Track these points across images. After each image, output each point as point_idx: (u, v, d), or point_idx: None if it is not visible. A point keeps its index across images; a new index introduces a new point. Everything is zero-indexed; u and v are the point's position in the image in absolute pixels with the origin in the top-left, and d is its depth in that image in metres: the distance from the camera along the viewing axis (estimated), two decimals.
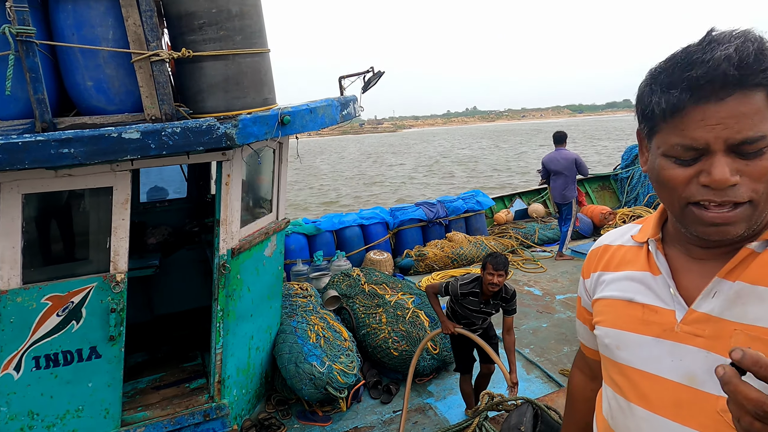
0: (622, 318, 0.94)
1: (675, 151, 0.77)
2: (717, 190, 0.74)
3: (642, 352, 0.90)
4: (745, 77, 0.70)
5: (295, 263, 6.25)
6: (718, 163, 0.73)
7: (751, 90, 0.71)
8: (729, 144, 0.72)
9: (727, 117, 0.72)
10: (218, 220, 2.99)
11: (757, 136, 0.71)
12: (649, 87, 0.80)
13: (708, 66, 0.71)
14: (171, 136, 2.42)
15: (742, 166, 0.73)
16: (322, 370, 3.45)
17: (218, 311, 3.09)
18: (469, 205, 7.75)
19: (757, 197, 0.74)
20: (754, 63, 0.70)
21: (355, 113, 3.56)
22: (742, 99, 0.71)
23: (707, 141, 0.73)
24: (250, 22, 2.75)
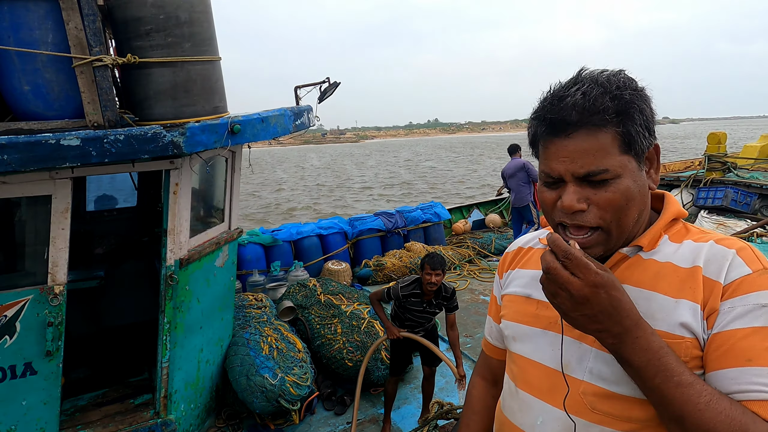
0: (519, 312, 1.05)
1: (543, 176, 0.90)
2: (568, 214, 0.86)
3: (531, 342, 1.01)
4: (584, 118, 0.82)
5: (252, 274, 6.15)
6: (567, 191, 0.85)
7: (594, 129, 0.82)
8: (575, 175, 0.84)
9: (573, 152, 0.83)
10: (166, 230, 2.91)
11: (599, 170, 0.82)
12: (530, 119, 0.93)
13: (560, 106, 0.83)
14: (114, 143, 2.36)
15: (591, 194, 0.84)
16: (274, 383, 3.39)
17: (165, 324, 3.00)
18: (428, 215, 7.84)
19: (605, 224, 0.85)
20: (592, 106, 0.81)
21: (310, 123, 3.55)
22: (586, 137, 0.82)
23: (559, 172, 0.85)
24: (200, 30, 2.72)
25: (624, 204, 0.84)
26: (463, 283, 6.55)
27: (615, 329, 0.76)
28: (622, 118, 0.82)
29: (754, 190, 7.77)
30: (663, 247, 0.90)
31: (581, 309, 0.76)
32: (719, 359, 0.78)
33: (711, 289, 0.82)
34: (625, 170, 0.83)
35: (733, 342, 0.77)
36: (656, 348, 0.76)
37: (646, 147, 0.86)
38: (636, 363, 0.76)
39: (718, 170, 8.57)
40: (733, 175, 8.35)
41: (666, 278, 0.86)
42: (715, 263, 0.83)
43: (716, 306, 0.80)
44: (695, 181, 8.53)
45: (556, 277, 0.76)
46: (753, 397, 0.74)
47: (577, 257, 0.75)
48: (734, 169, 8.58)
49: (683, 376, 0.74)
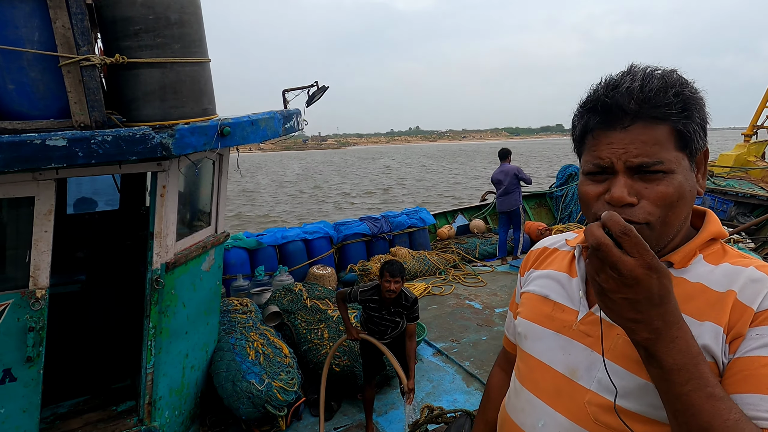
0: (535, 311, 1.04)
1: (589, 168, 0.86)
2: (616, 207, 0.81)
3: (542, 343, 1.00)
4: (643, 110, 0.80)
5: (236, 278, 6.08)
6: (617, 183, 0.82)
7: (651, 122, 0.80)
8: (628, 166, 0.81)
9: (628, 143, 0.81)
10: (152, 233, 2.87)
11: (652, 162, 0.80)
12: (576, 112, 0.90)
13: (616, 97, 0.81)
14: (101, 144, 2.31)
15: (642, 188, 0.81)
16: (260, 388, 3.35)
17: (150, 328, 2.94)
18: (413, 220, 7.86)
19: (653, 220, 0.81)
20: (654, 98, 0.80)
21: (299, 127, 3.54)
22: (643, 129, 0.80)
23: (611, 160, 0.82)
24: (190, 31, 2.69)
25: (676, 200, 0.81)
26: (448, 288, 6.58)
27: (655, 322, 0.70)
28: (682, 114, 0.80)
29: (730, 198, 7.97)
30: (696, 266, 0.87)
31: (626, 291, 0.69)
32: (739, 383, 0.75)
33: (741, 314, 0.78)
34: (680, 167, 0.81)
35: (755, 368, 0.74)
36: (695, 353, 0.71)
37: (700, 147, 0.84)
38: (669, 364, 0.70)
39: None
40: (710, 183, 8.56)
41: (694, 300, 0.83)
42: (752, 289, 0.80)
43: (743, 332, 0.77)
44: None
45: (608, 253, 0.69)
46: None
47: (636, 235, 0.68)
48: (711, 177, 8.80)
49: (716, 389, 0.70)
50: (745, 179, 8.68)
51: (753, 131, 11.48)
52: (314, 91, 3.95)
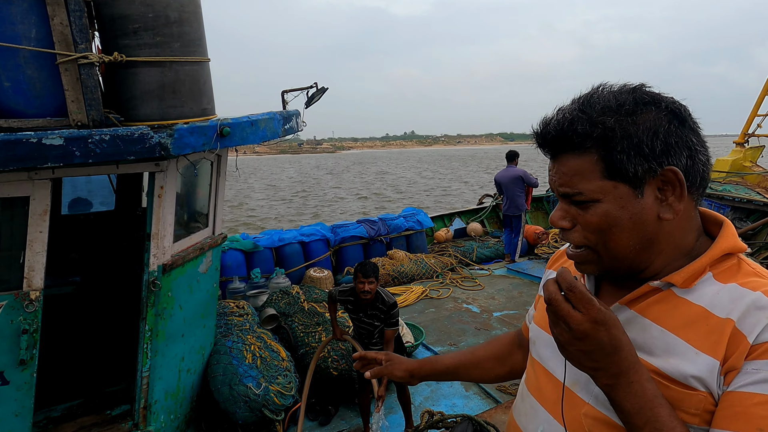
0: (544, 317, 1.01)
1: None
2: (558, 230, 0.88)
3: (548, 350, 1.01)
4: (562, 143, 0.85)
5: (232, 280, 6.03)
6: (557, 208, 0.89)
7: (574, 153, 0.83)
8: (558, 193, 0.88)
9: (555, 172, 0.87)
10: (149, 234, 2.82)
11: (573, 192, 0.84)
12: None
13: (543, 131, 0.87)
14: (99, 143, 2.27)
15: (577, 214, 0.86)
16: (257, 392, 3.31)
17: (146, 331, 2.90)
18: (410, 223, 7.84)
19: (591, 244, 0.85)
20: (567, 130, 0.83)
21: (298, 128, 3.51)
22: (566, 160, 0.85)
23: (552, 188, 0.89)
24: (189, 30, 2.66)
25: (606, 228, 0.82)
26: (445, 291, 6.55)
27: (612, 369, 0.75)
28: (601, 143, 0.81)
29: (727, 203, 7.99)
30: (703, 286, 0.82)
31: (578, 344, 0.75)
32: (728, 419, 0.73)
33: (737, 345, 0.75)
34: (607, 195, 0.82)
35: (747, 406, 0.72)
36: (650, 396, 0.74)
37: (642, 172, 0.80)
38: (627, 408, 0.75)
39: None
40: None
41: (694, 325, 0.80)
42: (753, 317, 0.75)
43: (738, 364, 0.74)
44: None
45: (557, 309, 0.75)
46: None
47: (581, 291, 0.74)
48: None
49: (674, 430, 0.73)
50: (741, 184, 8.71)
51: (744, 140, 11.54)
52: (313, 92, 3.92)
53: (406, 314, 5.67)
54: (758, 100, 11.66)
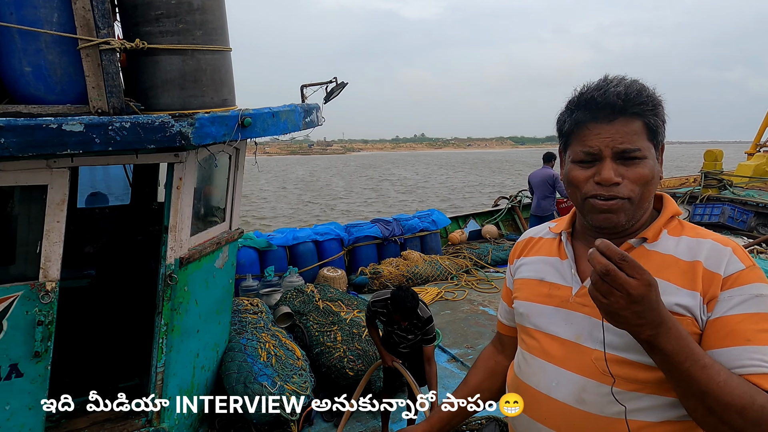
0: (533, 293, 1.19)
1: (579, 156, 1.04)
2: (605, 186, 1.00)
3: (546, 318, 1.15)
4: (627, 107, 0.98)
5: (245, 278, 5.98)
6: (606, 167, 1.00)
7: (631, 117, 0.99)
8: (614, 152, 0.99)
9: (614, 133, 0.99)
10: (166, 227, 2.76)
11: (633, 148, 0.99)
12: (565, 111, 1.08)
13: (604, 97, 0.99)
14: (119, 131, 2.21)
15: (624, 171, 0.99)
16: (273, 391, 3.23)
17: (162, 326, 2.84)
18: (425, 224, 7.74)
19: (634, 196, 1.00)
20: (634, 98, 0.98)
21: (318, 121, 3.44)
22: (625, 122, 0.99)
23: (600, 148, 1.00)
24: (212, 18, 2.60)
25: (650, 179, 1.00)
26: (461, 293, 6.44)
27: (656, 320, 0.84)
28: (653, 111, 0.99)
29: (751, 208, 7.80)
30: (664, 240, 1.05)
31: (634, 307, 0.82)
32: (722, 340, 0.92)
33: (711, 280, 0.97)
34: (650, 154, 1.00)
35: (733, 325, 0.92)
36: (685, 335, 0.86)
37: (662, 140, 1.03)
38: (669, 349, 0.85)
39: (714, 187, 8.61)
40: (728, 193, 8.39)
41: (669, 268, 1.00)
42: (714, 258, 0.98)
43: (716, 294, 0.96)
44: (691, 198, 8.55)
45: (615, 278, 0.81)
46: (753, 371, 0.88)
47: (632, 259, 0.82)
48: (730, 187, 8.63)
49: (706, 359, 0.86)
50: (764, 189, 8.51)
51: (756, 150, 11.32)
52: (333, 87, 3.85)
53: None
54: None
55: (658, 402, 1.00)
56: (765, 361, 0.89)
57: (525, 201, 9.80)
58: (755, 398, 0.84)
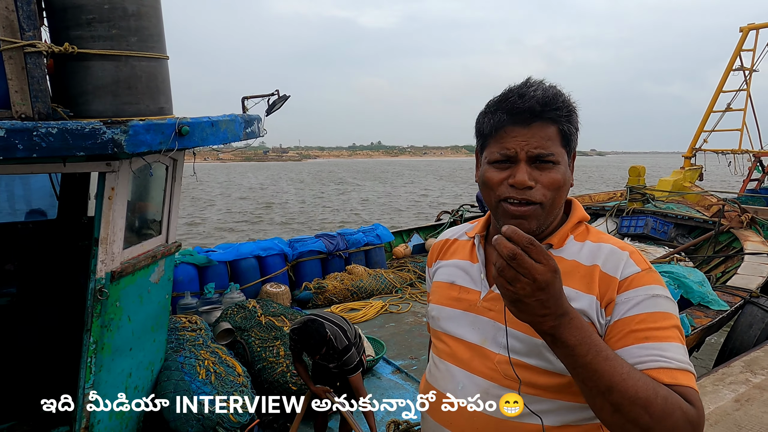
0: (444, 296, 1.20)
1: (495, 157, 1.04)
2: (518, 189, 1.00)
3: (454, 322, 1.16)
4: (544, 112, 1.00)
5: (184, 296, 5.76)
6: (520, 170, 1.00)
7: (546, 122, 1.00)
8: (529, 155, 1.00)
9: (530, 137, 1.00)
10: (97, 239, 2.64)
11: (547, 153, 1.00)
12: (484, 113, 1.08)
13: (523, 100, 1.00)
14: (45, 137, 2.11)
15: (537, 175, 1.00)
16: (211, 409, 3.12)
17: (90, 344, 2.68)
18: (369, 238, 7.78)
19: (546, 201, 1.01)
20: (551, 103, 1.00)
21: (260, 133, 3.42)
22: (541, 127, 1.00)
23: (516, 150, 1.00)
24: (148, 24, 2.54)
25: (561, 185, 1.02)
26: (405, 305, 6.50)
27: (559, 311, 0.83)
28: (567, 118, 1.02)
29: (671, 220, 8.41)
30: (569, 246, 1.08)
31: (539, 294, 0.80)
32: (623, 339, 0.94)
33: (608, 284, 0.99)
34: (563, 160, 1.03)
35: (631, 326, 0.95)
36: (586, 327, 0.86)
37: (574, 147, 1.06)
38: (572, 341, 0.84)
39: (638, 201, 9.23)
40: (651, 206, 9.02)
41: (570, 274, 1.02)
42: (612, 262, 1.01)
43: (613, 297, 0.98)
44: (618, 211, 9.12)
45: (522, 262, 0.79)
46: (652, 366, 0.90)
47: (539, 244, 0.81)
48: (652, 200, 9.28)
49: (609, 352, 0.85)
50: (683, 203, 9.21)
51: (692, 153, 12.34)
52: (275, 99, 3.85)
53: (366, 329, 5.57)
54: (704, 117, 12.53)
55: (558, 406, 1.03)
56: (662, 356, 0.90)
57: (466, 215, 10.08)
58: (657, 390, 0.84)
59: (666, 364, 0.90)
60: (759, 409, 2.77)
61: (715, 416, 2.73)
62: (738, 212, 7.57)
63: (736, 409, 2.78)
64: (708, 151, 12.61)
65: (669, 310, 0.96)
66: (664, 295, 0.98)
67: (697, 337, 4.29)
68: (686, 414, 0.84)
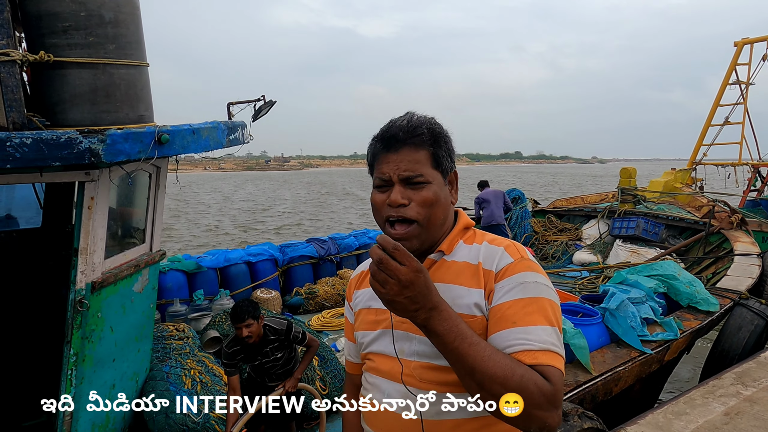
0: (365, 321, 1.29)
1: (376, 182, 1.16)
2: (394, 207, 1.11)
3: (378, 342, 1.24)
4: (407, 138, 1.12)
5: (173, 303, 5.69)
6: (395, 190, 1.12)
7: (414, 147, 1.12)
8: (400, 177, 1.12)
9: (399, 161, 1.12)
10: (77, 249, 2.60)
11: (415, 174, 1.11)
12: (370, 144, 1.20)
13: (391, 131, 1.14)
14: (19, 147, 2.07)
15: (411, 194, 1.11)
16: (197, 420, 3.09)
17: (71, 356, 2.64)
18: (361, 241, 7.75)
19: (422, 218, 1.11)
20: (413, 131, 1.13)
21: (244, 139, 3.38)
22: (408, 152, 1.12)
23: (389, 174, 1.13)
24: (126, 32, 2.51)
25: (434, 202, 1.12)
26: None
27: (428, 305, 0.94)
28: (433, 142, 1.14)
29: (662, 221, 8.42)
30: (459, 249, 1.19)
31: (406, 292, 0.92)
32: (494, 325, 1.05)
33: (488, 277, 1.11)
34: (435, 180, 1.13)
35: (503, 311, 1.05)
36: (454, 317, 0.97)
37: (449, 169, 1.18)
38: (441, 331, 0.95)
39: (629, 202, 9.24)
40: (642, 207, 9.03)
41: (463, 274, 1.14)
42: (490, 258, 1.14)
43: (492, 287, 1.09)
44: (610, 212, 9.12)
45: (388, 265, 0.91)
46: (517, 349, 1.00)
47: (403, 248, 0.93)
48: (644, 202, 9.29)
49: (474, 338, 0.96)
50: (674, 204, 9.23)
51: (693, 167, 12.45)
52: (261, 105, 3.82)
53: None
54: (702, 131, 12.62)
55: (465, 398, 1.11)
56: (527, 339, 1.00)
57: None
58: (515, 370, 0.94)
59: (529, 347, 1.00)
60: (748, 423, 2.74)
61: (703, 430, 2.71)
62: (728, 213, 7.58)
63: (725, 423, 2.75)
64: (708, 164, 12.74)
65: (538, 294, 1.06)
66: (534, 280, 1.08)
67: (686, 340, 4.27)
68: (541, 389, 0.94)
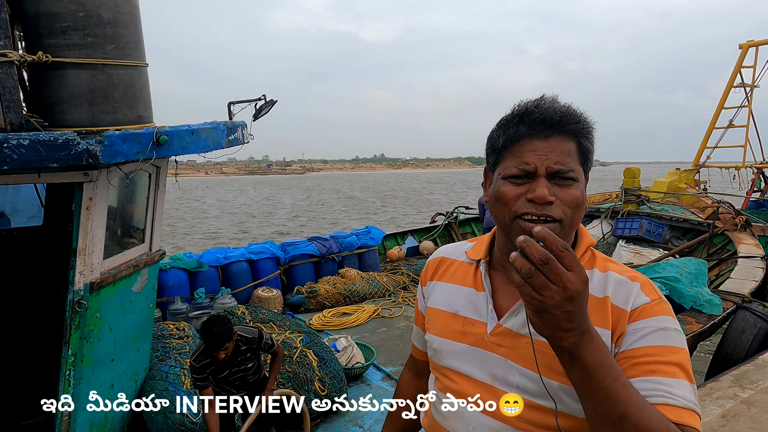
0: (446, 328, 1.12)
1: (511, 172, 0.97)
2: (538, 205, 0.94)
3: (459, 357, 1.09)
4: (563, 123, 0.95)
5: (174, 301, 5.71)
6: (540, 184, 0.94)
7: (566, 136, 0.96)
8: (548, 171, 0.95)
9: (549, 151, 0.95)
10: (75, 250, 2.59)
11: (567, 169, 0.95)
12: (498, 127, 1.03)
13: (541, 111, 0.96)
14: (16, 148, 2.07)
15: (557, 191, 0.94)
16: (195, 420, 3.09)
17: (69, 356, 2.64)
18: (363, 240, 7.74)
19: (565, 218, 0.94)
20: (570, 117, 0.96)
21: (244, 139, 3.37)
22: (560, 141, 0.96)
23: (536, 165, 0.95)
24: (125, 32, 2.50)
25: (581, 203, 0.96)
26: (398, 310, 6.46)
27: (582, 327, 0.77)
28: (585, 134, 0.98)
29: (665, 222, 8.38)
30: None
31: (567, 305, 0.74)
32: (629, 371, 0.89)
33: (619, 316, 0.95)
34: (581, 177, 0.98)
35: (639, 357, 0.90)
36: (606, 348, 0.81)
37: (590, 166, 1.01)
38: (591, 362, 0.78)
39: (633, 202, 9.20)
40: (646, 208, 8.99)
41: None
42: (622, 294, 0.97)
43: (624, 329, 0.93)
44: (613, 213, 9.09)
45: (554, 268, 0.73)
46: (658, 401, 0.85)
47: (572, 251, 0.75)
48: (647, 202, 9.25)
49: (625, 378, 0.81)
50: (678, 204, 9.18)
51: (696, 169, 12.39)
52: (261, 104, 3.80)
53: (357, 334, 5.54)
54: (706, 134, 12.57)
55: None
56: (669, 392, 0.86)
57: (461, 217, 10.05)
58: (669, 427, 0.80)
59: (672, 401, 0.85)
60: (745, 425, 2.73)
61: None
62: (732, 214, 7.54)
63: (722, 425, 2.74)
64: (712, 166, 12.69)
65: (677, 344, 0.91)
66: (674, 327, 0.94)
67: (688, 344, 4.26)
68: None
